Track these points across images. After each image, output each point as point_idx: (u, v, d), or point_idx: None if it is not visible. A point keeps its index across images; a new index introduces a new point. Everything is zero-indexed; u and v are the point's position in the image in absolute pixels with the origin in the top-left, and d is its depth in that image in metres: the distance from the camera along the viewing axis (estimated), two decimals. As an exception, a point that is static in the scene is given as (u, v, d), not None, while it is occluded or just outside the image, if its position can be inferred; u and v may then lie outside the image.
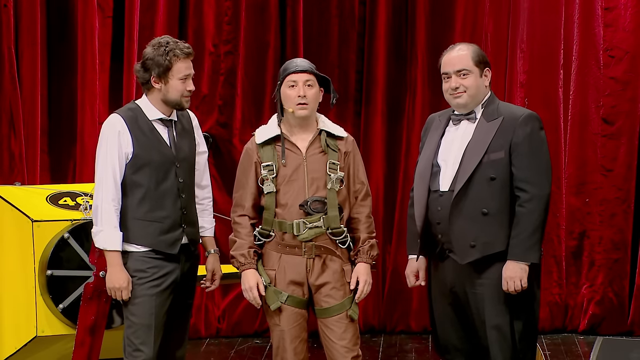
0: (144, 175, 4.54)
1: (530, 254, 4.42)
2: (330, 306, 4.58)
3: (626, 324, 7.33)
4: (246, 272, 4.60)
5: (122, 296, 4.52)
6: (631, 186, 7.29)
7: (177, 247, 4.59)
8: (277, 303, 4.54)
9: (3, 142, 7.06)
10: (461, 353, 4.61)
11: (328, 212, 4.56)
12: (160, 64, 4.51)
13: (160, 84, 4.55)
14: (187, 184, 4.65)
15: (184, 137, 4.68)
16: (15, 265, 5.14)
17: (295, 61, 4.65)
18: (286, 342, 4.56)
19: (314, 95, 4.58)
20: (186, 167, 4.65)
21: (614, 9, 7.23)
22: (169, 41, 4.56)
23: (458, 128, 4.57)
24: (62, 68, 7.25)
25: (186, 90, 4.56)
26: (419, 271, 4.68)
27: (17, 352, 5.11)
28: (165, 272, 4.57)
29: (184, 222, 4.63)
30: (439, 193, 4.51)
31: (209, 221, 4.87)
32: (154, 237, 4.55)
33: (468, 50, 4.54)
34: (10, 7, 7.02)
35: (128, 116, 4.56)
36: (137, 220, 4.54)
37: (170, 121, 4.63)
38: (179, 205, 4.60)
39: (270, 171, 4.56)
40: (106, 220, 4.50)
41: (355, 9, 7.41)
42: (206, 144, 4.88)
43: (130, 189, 4.54)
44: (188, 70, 4.57)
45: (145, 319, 4.53)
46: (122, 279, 4.50)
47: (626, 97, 7.26)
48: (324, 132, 4.63)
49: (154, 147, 4.56)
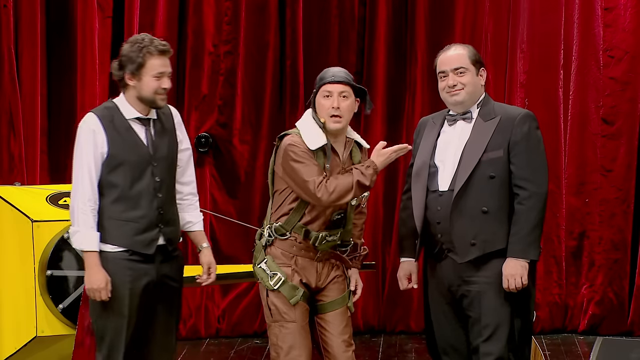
0: (119, 175, 4.48)
1: (530, 251, 4.44)
2: (332, 300, 4.60)
3: (626, 324, 7.33)
4: (376, 161, 4.47)
5: (101, 297, 4.44)
6: (631, 186, 7.29)
7: (153, 247, 4.52)
8: (296, 297, 4.51)
9: (3, 142, 7.06)
10: (459, 354, 4.61)
11: (346, 226, 4.60)
12: (133, 60, 4.47)
13: (134, 81, 4.50)
14: (165, 183, 4.58)
15: (163, 135, 4.60)
16: (15, 265, 5.14)
17: (332, 70, 4.57)
18: (301, 338, 4.51)
19: (348, 107, 4.52)
20: (164, 166, 4.58)
21: (614, 9, 7.23)
22: (144, 38, 4.52)
23: (454, 128, 4.58)
24: (62, 68, 7.25)
25: (160, 87, 4.50)
26: (411, 274, 4.69)
27: (17, 352, 5.11)
28: (139, 273, 4.50)
29: (161, 222, 4.55)
30: (438, 193, 4.52)
31: (196, 215, 4.76)
32: (130, 237, 4.48)
33: (464, 50, 4.57)
34: (10, 7, 7.02)
35: (103, 115, 4.51)
36: (113, 220, 4.48)
37: (148, 120, 4.57)
38: (156, 205, 4.53)
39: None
40: (82, 221, 4.44)
41: (355, 9, 7.41)
42: (206, 144, 4.84)
43: (106, 189, 4.48)
44: (162, 68, 4.50)
45: (118, 321, 4.46)
46: (101, 280, 4.43)
47: (626, 97, 7.26)
48: (354, 143, 4.62)
49: (129, 146, 4.50)
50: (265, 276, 4.56)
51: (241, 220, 6.64)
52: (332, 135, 4.54)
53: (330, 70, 4.57)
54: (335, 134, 4.55)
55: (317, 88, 4.54)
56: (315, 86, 4.57)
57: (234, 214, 7.18)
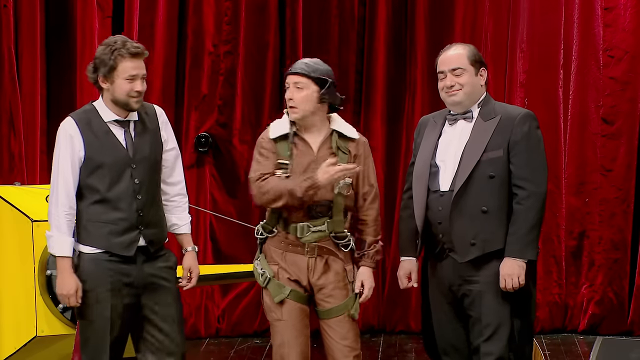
0: (97, 178, 4.46)
1: (527, 251, 4.44)
2: (332, 307, 4.57)
3: (626, 324, 7.33)
4: (319, 178, 4.40)
5: (70, 303, 4.44)
6: (631, 186, 7.29)
7: (132, 249, 4.49)
8: (281, 295, 4.52)
9: (3, 142, 7.06)
10: (460, 354, 4.61)
11: (333, 217, 4.55)
12: (105, 63, 4.43)
13: (107, 84, 4.46)
14: (146, 185, 4.53)
15: (145, 136, 4.56)
16: (15, 265, 5.13)
17: (296, 62, 4.62)
18: (290, 337, 4.51)
19: (302, 98, 4.50)
20: (145, 168, 4.54)
21: (614, 9, 7.23)
22: (117, 40, 4.47)
23: (455, 128, 4.58)
24: (62, 68, 7.26)
25: (133, 90, 4.44)
26: (411, 273, 4.68)
27: (16, 352, 5.11)
28: (120, 274, 4.48)
29: (141, 224, 4.51)
30: (440, 193, 4.52)
31: (183, 218, 4.72)
32: (108, 238, 4.47)
33: (464, 50, 4.56)
34: (10, 7, 7.02)
35: (81, 119, 4.49)
36: (92, 222, 4.47)
37: (127, 122, 4.53)
38: (135, 207, 4.49)
39: (285, 170, 4.52)
40: (56, 226, 4.46)
41: (355, 9, 7.41)
42: (206, 144, 4.83)
43: (85, 192, 4.48)
44: (134, 71, 4.44)
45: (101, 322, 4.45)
46: (71, 286, 4.42)
47: (626, 97, 7.26)
48: (335, 133, 4.59)
49: (107, 149, 4.47)
50: (257, 274, 4.60)
51: (241, 220, 6.64)
52: (304, 126, 4.56)
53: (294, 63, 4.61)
54: (306, 126, 4.56)
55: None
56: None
57: (234, 214, 7.18)
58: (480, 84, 4.57)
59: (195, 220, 7.31)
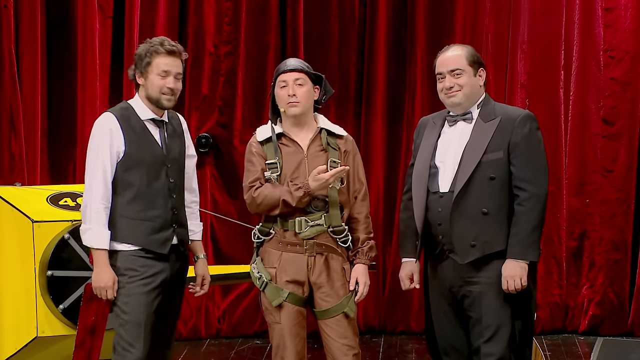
0: (136, 174, 4.53)
1: (529, 253, 4.44)
2: (329, 307, 4.58)
3: (626, 325, 7.33)
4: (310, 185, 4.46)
5: (107, 295, 4.50)
6: (631, 187, 7.29)
7: (167, 246, 4.58)
8: (279, 299, 4.54)
9: (3, 142, 7.06)
10: (460, 355, 4.61)
11: (329, 211, 4.58)
12: (142, 59, 4.55)
13: (142, 79, 4.57)
14: (178, 185, 4.65)
15: (175, 138, 4.67)
16: (16, 265, 5.13)
17: (287, 61, 4.68)
18: (287, 339, 4.56)
19: (305, 94, 4.59)
20: (177, 168, 4.65)
21: (614, 9, 7.23)
22: (156, 39, 4.59)
23: (455, 129, 4.58)
24: (62, 68, 7.26)
25: (165, 86, 4.54)
26: (413, 274, 4.69)
27: (17, 352, 5.10)
28: (156, 271, 4.54)
29: (175, 222, 4.61)
30: (439, 194, 4.52)
31: (197, 225, 4.84)
32: (145, 236, 4.54)
33: (462, 51, 4.56)
34: (10, 7, 7.02)
35: (121, 115, 4.57)
36: (128, 219, 4.53)
37: (162, 122, 4.63)
38: (170, 205, 4.59)
39: (274, 169, 4.56)
40: (95, 219, 4.49)
41: (355, 9, 7.41)
42: (206, 144, 4.87)
43: (121, 188, 4.53)
44: (167, 67, 4.54)
45: (136, 317, 4.50)
46: (108, 278, 4.49)
47: (626, 97, 7.27)
48: (324, 131, 4.65)
49: (146, 146, 4.56)
50: (254, 277, 4.64)
51: (241, 221, 6.64)
52: (296, 124, 4.62)
53: (285, 62, 4.68)
54: (299, 123, 4.61)
55: (274, 80, 4.64)
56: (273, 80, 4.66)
57: (235, 215, 7.18)
58: (479, 84, 4.57)
59: (196, 220, 7.33)
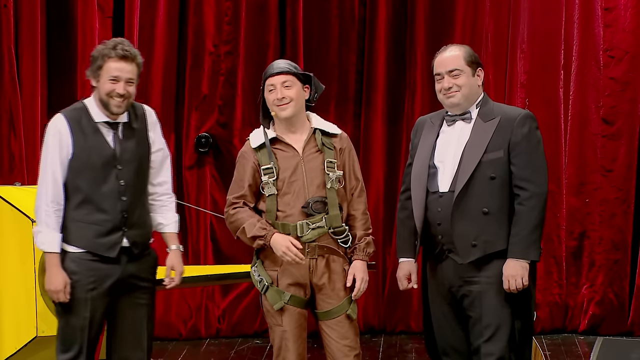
0: (84, 178, 4.48)
1: (530, 252, 4.44)
2: (331, 308, 4.58)
3: (626, 325, 7.33)
4: (274, 237, 4.47)
5: (59, 298, 4.47)
6: (631, 186, 7.29)
7: (115, 250, 4.51)
8: (280, 303, 4.53)
9: (3, 142, 7.06)
10: (460, 354, 4.61)
11: (329, 212, 4.56)
12: (95, 61, 4.49)
13: (94, 81, 4.51)
14: (131, 186, 4.54)
15: (132, 138, 4.57)
16: (15, 265, 5.14)
17: (273, 64, 4.65)
18: (289, 342, 4.55)
19: (294, 94, 4.56)
20: (132, 169, 4.54)
21: (614, 9, 7.23)
22: (110, 42, 4.51)
23: (453, 129, 4.57)
24: (62, 68, 7.26)
25: (115, 92, 4.45)
26: (411, 274, 4.69)
27: (17, 352, 5.11)
28: (102, 275, 4.49)
29: (125, 225, 4.52)
30: (439, 194, 4.52)
31: (168, 217, 4.72)
32: (91, 239, 4.49)
33: (460, 51, 4.56)
34: (10, 7, 7.02)
35: (72, 117, 4.52)
36: (76, 222, 4.49)
37: (117, 124, 4.54)
38: (120, 208, 4.51)
39: (270, 174, 4.54)
40: (44, 222, 4.47)
41: (355, 9, 7.41)
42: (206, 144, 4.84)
43: (71, 192, 4.49)
44: (118, 72, 4.45)
45: (74, 321, 4.48)
46: (59, 282, 4.45)
47: (626, 97, 7.26)
48: (318, 131, 4.62)
49: (94, 149, 4.49)
50: (255, 280, 4.63)
51: (241, 221, 6.62)
52: (289, 127, 4.59)
53: (272, 65, 4.65)
54: (291, 125, 4.59)
55: (262, 84, 4.63)
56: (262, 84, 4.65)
57: (234, 214, 7.17)
58: (478, 84, 4.57)
59: (196, 220, 7.33)
